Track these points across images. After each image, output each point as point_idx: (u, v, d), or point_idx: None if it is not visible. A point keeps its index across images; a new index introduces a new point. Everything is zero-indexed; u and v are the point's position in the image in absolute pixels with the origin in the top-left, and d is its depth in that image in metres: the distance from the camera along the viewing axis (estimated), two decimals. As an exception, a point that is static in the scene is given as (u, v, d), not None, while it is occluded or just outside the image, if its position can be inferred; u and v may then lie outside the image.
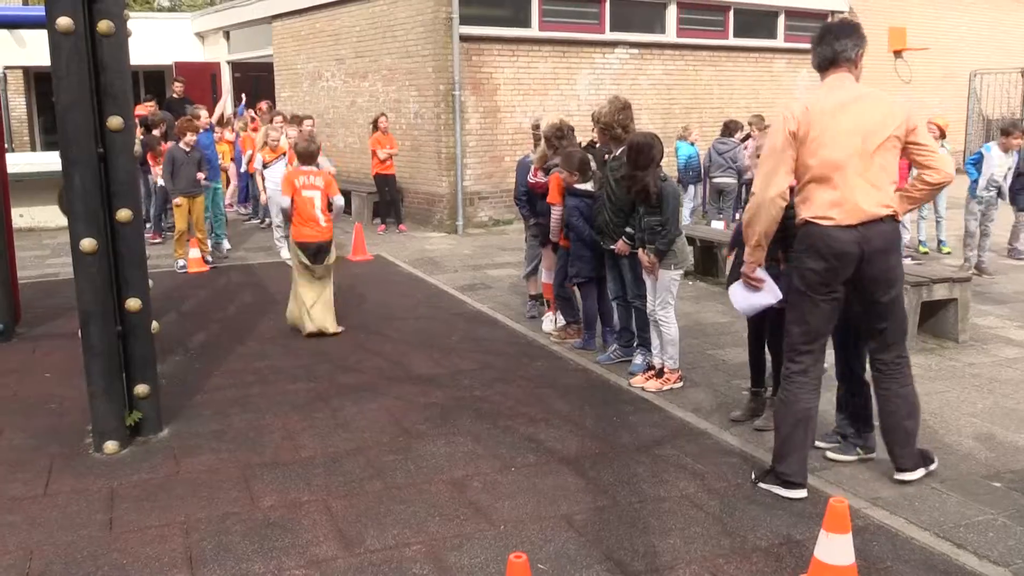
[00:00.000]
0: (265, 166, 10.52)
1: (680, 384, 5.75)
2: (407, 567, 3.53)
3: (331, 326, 6.96)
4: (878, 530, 3.84)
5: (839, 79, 4.06)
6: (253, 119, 13.77)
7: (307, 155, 7.17)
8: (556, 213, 6.58)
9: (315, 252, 6.88)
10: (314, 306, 6.90)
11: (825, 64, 4.10)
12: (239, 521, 3.91)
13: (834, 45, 4.04)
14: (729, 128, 11.64)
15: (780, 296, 4.40)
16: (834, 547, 3.16)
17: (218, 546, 3.69)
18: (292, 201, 6.89)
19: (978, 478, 4.38)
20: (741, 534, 3.79)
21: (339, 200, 7.08)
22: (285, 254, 9.98)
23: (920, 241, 10.62)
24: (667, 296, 5.63)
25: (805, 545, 3.64)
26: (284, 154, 10.36)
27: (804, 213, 4.03)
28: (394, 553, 3.63)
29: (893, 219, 4.03)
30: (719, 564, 3.55)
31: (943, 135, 9.83)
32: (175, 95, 14.31)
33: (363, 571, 3.50)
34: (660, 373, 5.76)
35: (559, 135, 6.67)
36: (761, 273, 4.39)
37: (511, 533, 3.80)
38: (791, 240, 4.25)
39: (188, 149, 9.57)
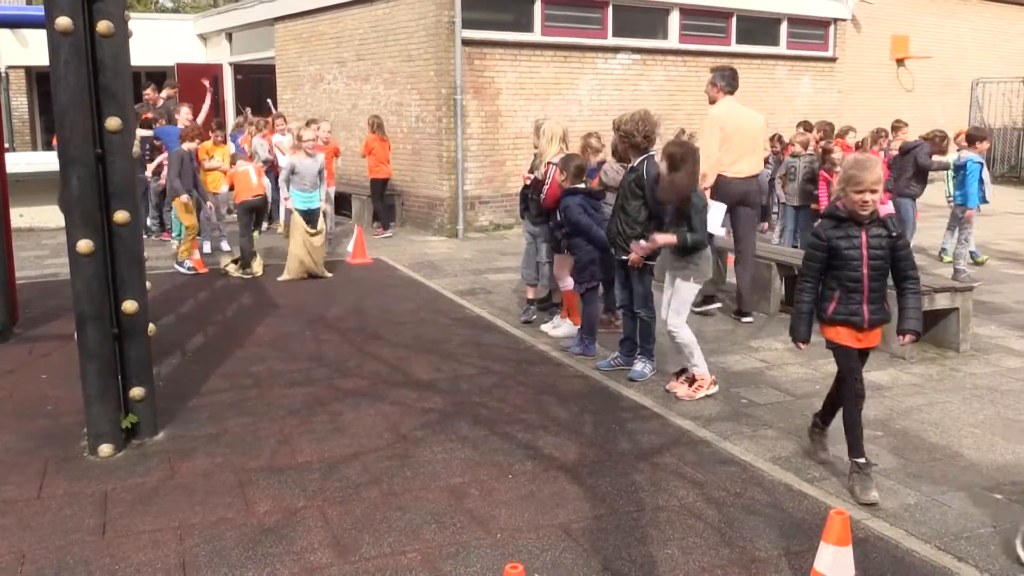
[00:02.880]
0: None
1: (715, 389, 5.71)
2: (402, 575, 3.49)
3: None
4: (878, 542, 3.80)
5: None
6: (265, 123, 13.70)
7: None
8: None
9: (254, 207, 9.71)
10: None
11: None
12: (233, 527, 3.87)
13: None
14: None
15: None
16: (834, 559, 3.13)
17: (212, 552, 3.66)
18: (231, 184, 10.02)
19: (979, 490, 4.35)
20: (740, 545, 3.75)
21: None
22: None
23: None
24: (680, 307, 5.59)
25: (805, 557, 3.60)
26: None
27: None
28: (390, 561, 3.60)
29: None
30: (717, 575, 3.52)
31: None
32: (166, 97, 14.10)
33: (358, 579, 3.47)
34: (691, 380, 5.72)
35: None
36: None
37: (508, 542, 3.76)
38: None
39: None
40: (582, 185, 6.37)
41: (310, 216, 9.30)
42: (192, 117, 11.23)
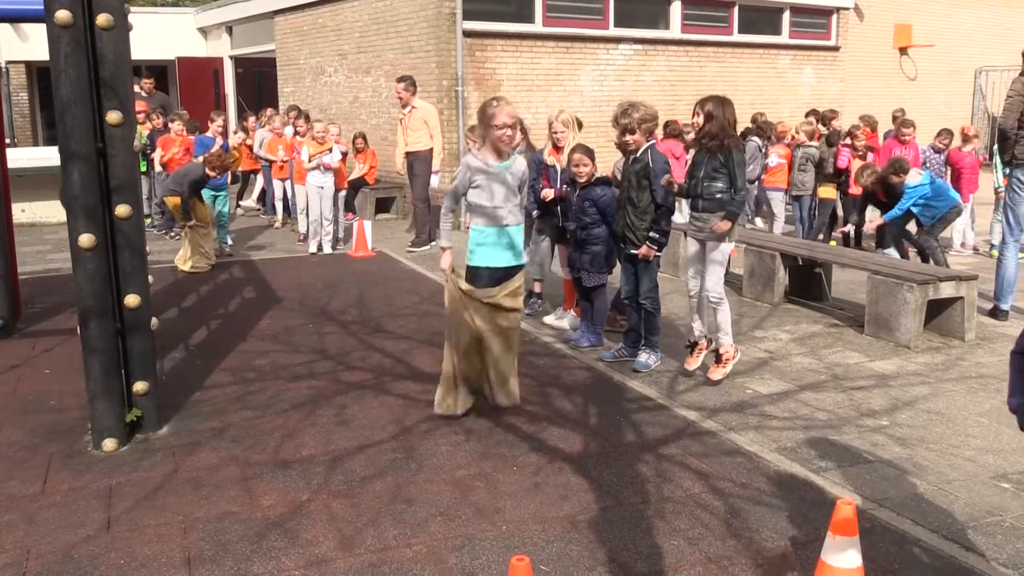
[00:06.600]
0: (310, 159, 10.51)
1: (739, 356, 5.80)
2: (408, 568, 3.48)
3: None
4: (885, 532, 3.79)
5: None
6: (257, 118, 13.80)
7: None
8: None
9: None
10: None
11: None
12: (238, 521, 3.87)
13: None
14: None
15: None
16: (841, 550, 3.11)
17: (217, 546, 3.65)
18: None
19: (986, 479, 4.33)
20: (747, 535, 3.74)
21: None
22: (312, 247, 10.57)
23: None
24: (715, 271, 5.63)
25: (811, 547, 3.59)
26: (331, 149, 10.61)
27: None
28: (395, 554, 3.59)
29: None
30: (724, 566, 3.50)
31: None
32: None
33: (363, 572, 3.46)
34: (718, 357, 5.72)
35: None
36: None
37: (513, 534, 3.76)
38: None
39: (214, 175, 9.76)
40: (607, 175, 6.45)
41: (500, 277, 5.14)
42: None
